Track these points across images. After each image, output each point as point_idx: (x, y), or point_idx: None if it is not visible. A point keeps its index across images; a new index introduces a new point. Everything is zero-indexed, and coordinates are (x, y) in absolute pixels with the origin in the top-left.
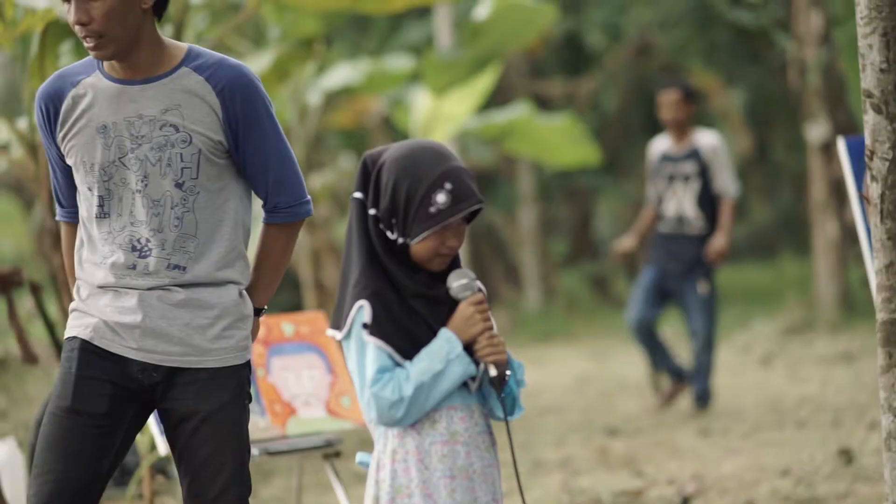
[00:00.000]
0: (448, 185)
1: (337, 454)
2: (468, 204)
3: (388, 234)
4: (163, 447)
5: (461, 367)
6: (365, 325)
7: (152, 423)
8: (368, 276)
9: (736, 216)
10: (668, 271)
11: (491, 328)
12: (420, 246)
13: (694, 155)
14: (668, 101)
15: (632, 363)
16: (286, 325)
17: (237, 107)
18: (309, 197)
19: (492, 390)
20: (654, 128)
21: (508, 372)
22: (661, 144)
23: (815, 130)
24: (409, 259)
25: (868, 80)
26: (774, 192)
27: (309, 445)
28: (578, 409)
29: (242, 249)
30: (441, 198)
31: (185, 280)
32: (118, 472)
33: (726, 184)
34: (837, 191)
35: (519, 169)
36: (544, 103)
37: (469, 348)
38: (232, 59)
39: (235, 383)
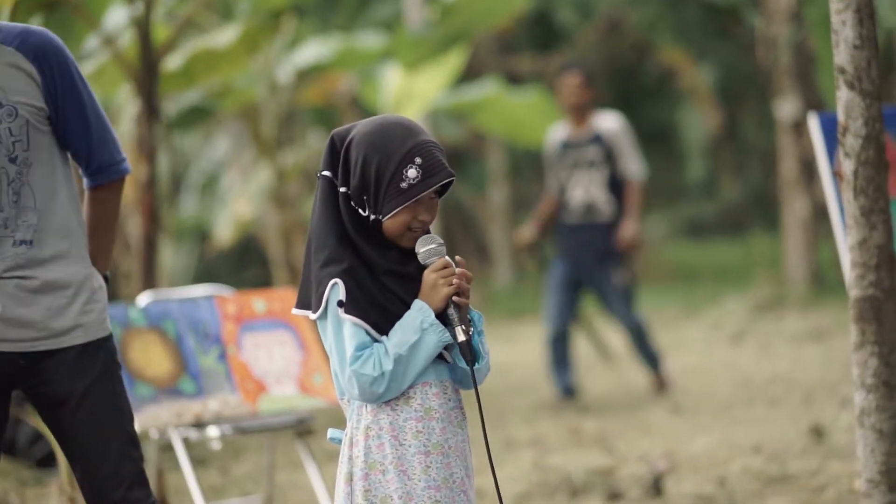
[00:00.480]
0: (418, 160)
1: (309, 432)
2: (439, 178)
3: (360, 211)
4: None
5: (435, 335)
6: (340, 303)
7: None
8: (340, 254)
9: (644, 198)
10: (581, 262)
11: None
12: (392, 222)
13: (596, 140)
14: (568, 85)
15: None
16: (258, 302)
17: (54, 71)
18: (125, 154)
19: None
20: (625, 105)
21: (471, 329)
22: (560, 132)
23: (785, 108)
24: (381, 236)
25: (841, 56)
26: (744, 170)
27: (281, 423)
28: (549, 387)
29: (81, 217)
30: (412, 172)
31: (35, 256)
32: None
33: (632, 166)
34: (807, 168)
35: (489, 147)
36: (514, 80)
37: (442, 318)
38: (35, 27)
39: (104, 356)
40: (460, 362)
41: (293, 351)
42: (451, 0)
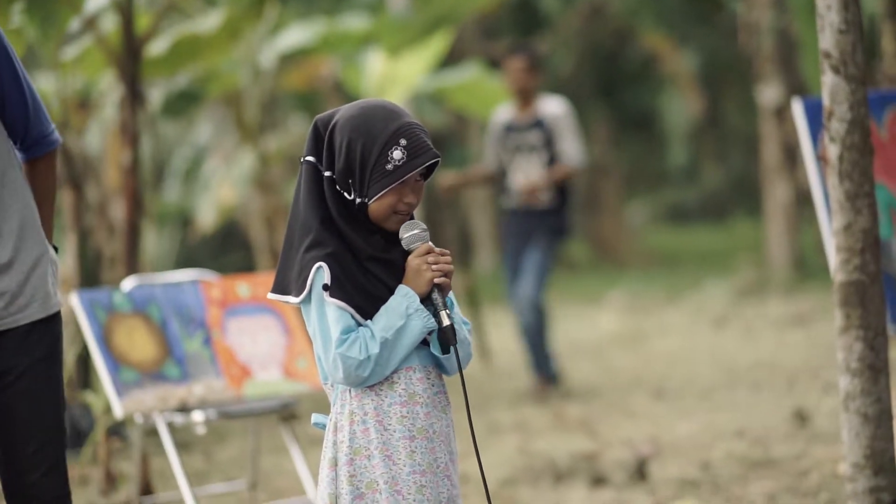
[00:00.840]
0: (403, 141)
1: (293, 416)
2: (425, 158)
3: (345, 195)
4: (119, 410)
5: (420, 321)
6: (325, 287)
7: (108, 384)
8: (325, 239)
9: (567, 180)
10: (520, 247)
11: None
12: (378, 204)
13: (538, 125)
14: (514, 69)
15: (585, 327)
16: (242, 287)
17: None
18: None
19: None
20: (606, 91)
21: (449, 312)
22: (504, 113)
23: (768, 93)
24: (366, 220)
25: (826, 40)
26: (726, 156)
27: (266, 408)
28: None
29: (31, 194)
30: (397, 154)
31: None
32: (73, 434)
33: (569, 151)
34: (790, 153)
35: (471, 131)
36: (496, 65)
37: (426, 302)
38: None
39: (50, 339)
40: (435, 349)
41: (278, 336)
42: None
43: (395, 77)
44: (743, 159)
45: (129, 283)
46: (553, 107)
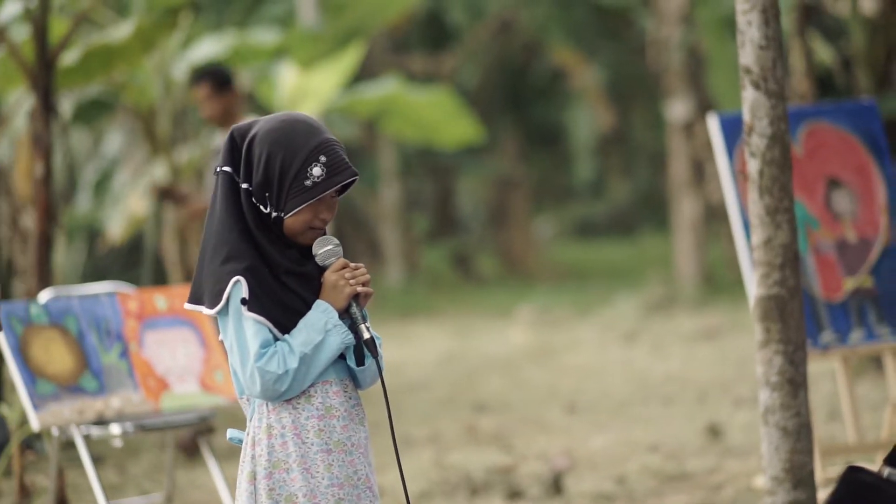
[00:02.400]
0: (323, 158)
1: (210, 430)
2: (343, 176)
3: (261, 207)
4: (35, 422)
5: (339, 336)
6: (243, 301)
7: (25, 396)
8: (242, 251)
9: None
10: None
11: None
12: (294, 219)
13: None
14: (200, 98)
15: (495, 341)
16: (159, 299)
17: None
18: None
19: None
20: (515, 105)
21: (368, 325)
22: (219, 139)
23: (677, 109)
24: (281, 233)
25: (747, 56)
26: (632, 171)
27: (183, 421)
28: (445, 386)
29: None
30: (316, 171)
31: None
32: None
33: None
34: (698, 169)
35: (381, 145)
36: (407, 79)
37: (344, 316)
38: None
39: None
40: (351, 362)
41: (195, 348)
42: None
43: (307, 91)
44: (650, 174)
45: (45, 295)
46: None
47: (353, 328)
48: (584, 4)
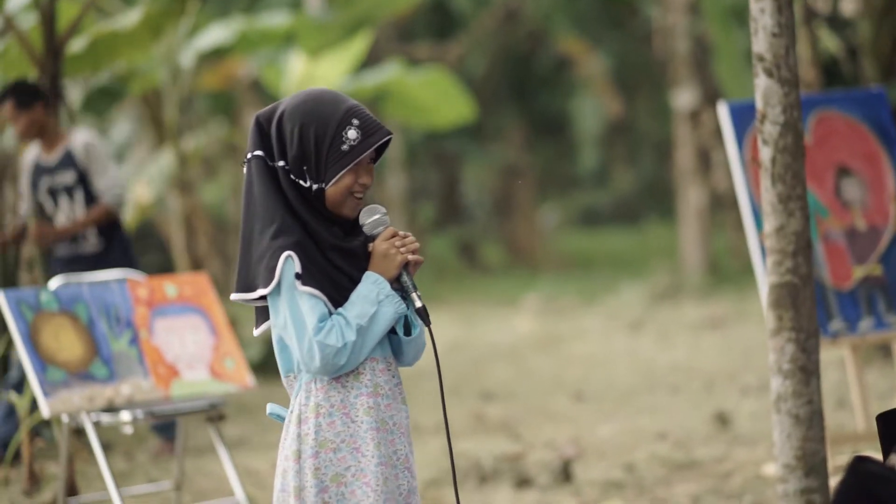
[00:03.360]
0: (356, 121)
1: (221, 417)
2: (380, 135)
3: (301, 183)
4: (46, 409)
5: (392, 307)
6: (297, 275)
7: (35, 384)
8: (290, 227)
9: (102, 221)
10: None
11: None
12: (335, 188)
13: (68, 162)
14: (6, 117)
15: (501, 330)
16: (169, 286)
17: None
18: None
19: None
20: (520, 94)
21: (419, 293)
22: (33, 152)
23: (683, 97)
24: (324, 208)
25: (760, 43)
26: (637, 160)
27: (193, 408)
28: (452, 374)
29: None
30: (352, 133)
31: None
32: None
33: (104, 185)
34: (703, 158)
35: None
36: (411, 66)
37: (394, 286)
38: None
39: None
40: (401, 332)
41: (205, 335)
42: None
43: (314, 78)
44: (655, 163)
45: (55, 282)
46: (81, 138)
47: (404, 297)
48: None
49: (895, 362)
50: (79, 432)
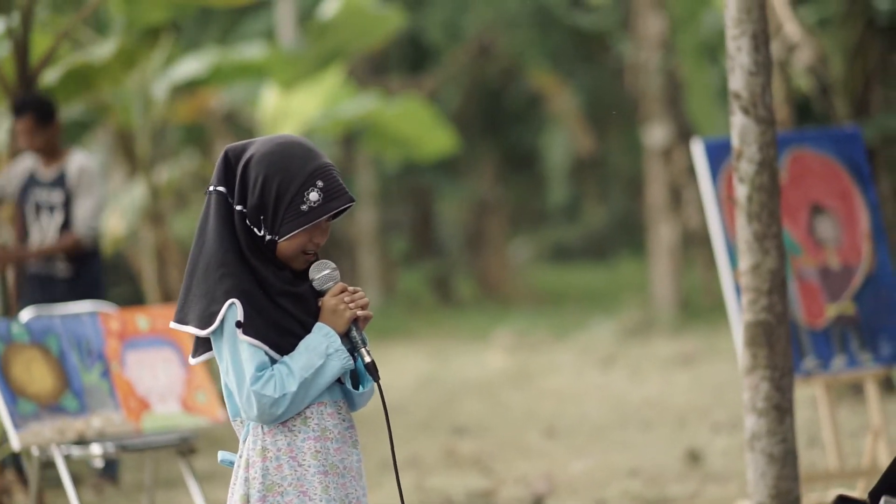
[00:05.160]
0: (320, 183)
1: (192, 451)
2: (340, 202)
3: (255, 230)
4: (16, 442)
5: (339, 361)
6: (238, 324)
7: (5, 416)
8: (236, 273)
9: (70, 251)
10: None
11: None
12: (288, 244)
13: (60, 181)
14: (20, 131)
15: (473, 364)
16: (141, 319)
17: None
18: None
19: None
20: (493, 128)
21: (369, 348)
22: (28, 162)
23: (655, 134)
24: (274, 256)
25: (737, 81)
26: (608, 195)
27: (164, 441)
28: (423, 409)
29: None
30: (313, 195)
31: None
32: None
33: (79, 217)
34: (675, 194)
35: (360, 167)
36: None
37: (344, 339)
38: None
39: None
40: (348, 385)
41: (177, 368)
42: (327, 19)
43: (288, 111)
44: (626, 199)
45: (27, 314)
46: (78, 161)
47: (353, 352)
48: (562, 28)
49: (867, 400)
50: (48, 465)
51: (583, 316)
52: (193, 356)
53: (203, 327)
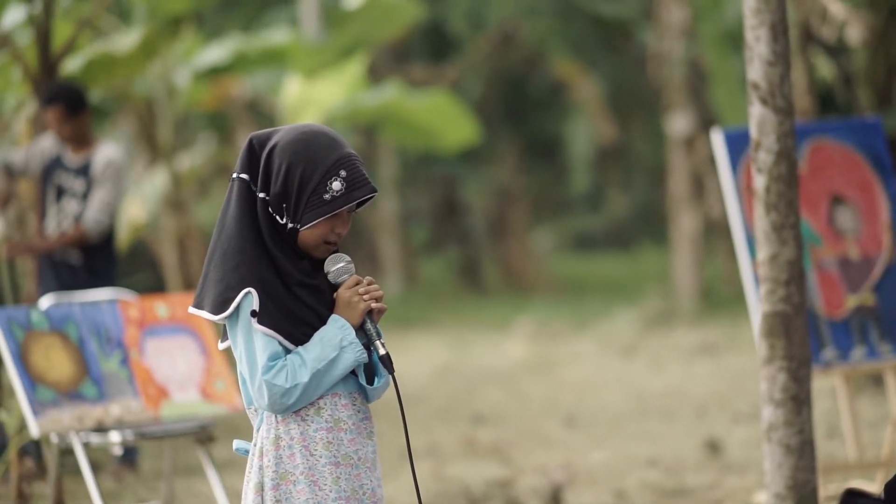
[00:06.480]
0: (343, 173)
1: (210, 438)
2: (363, 192)
3: (277, 218)
4: (35, 429)
5: (353, 354)
6: (253, 313)
7: (24, 403)
8: (254, 261)
9: (76, 244)
10: None
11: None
12: (310, 232)
13: (86, 170)
14: (51, 120)
15: (493, 353)
16: (160, 306)
17: None
18: None
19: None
20: (515, 117)
21: (383, 340)
22: (55, 143)
23: (677, 123)
24: (295, 245)
25: (755, 71)
26: (631, 184)
27: (183, 429)
28: (442, 397)
29: None
30: (336, 185)
31: None
32: None
33: (90, 210)
34: (697, 184)
35: (381, 155)
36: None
37: (359, 332)
38: None
39: None
40: (362, 379)
41: (196, 356)
42: (349, 9)
43: (310, 100)
44: (648, 188)
45: (46, 301)
46: (106, 152)
47: (367, 345)
48: (584, 17)
49: (887, 391)
50: (68, 452)
51: (604, 305)
52: (222, 341)
53: (217, 313)
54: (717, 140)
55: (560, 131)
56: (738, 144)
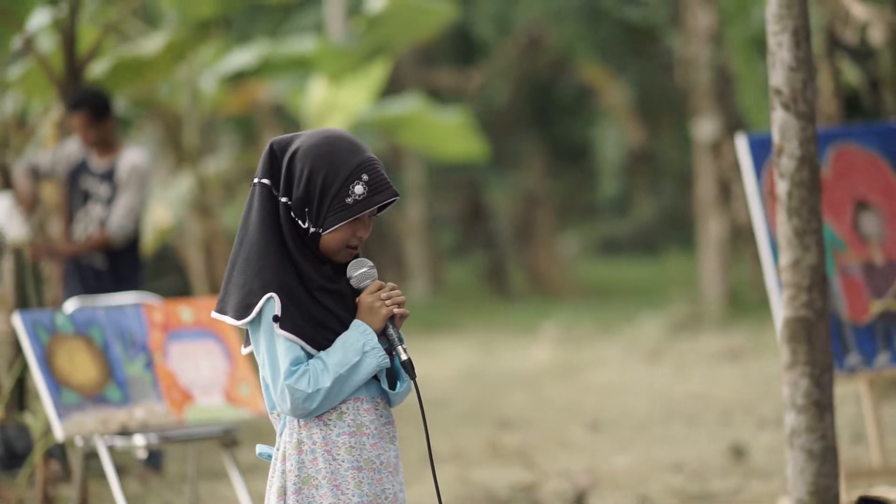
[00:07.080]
0: (365, 177)
1: (234, 443)
2: (385, 196)
3: (299, 222)
4: (59, 432)
5: (376, 359)
6: (275, 318)
7: (49, 406)
8: (277, 266)
9: (100, 249)
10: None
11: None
12: (332, 236)
13: (111, 175)
14: (77, 126)
15: (519, 357)
16: (185, 311)
17: None
18: None
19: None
20: (542, 122)
21: (405, 346)
22: (79, 147)
23: (704, 128)
24: (317, 249)
25: (777, 77)
26: (658, 189)
27: (207, 433)
28: (468, 401)
29: None
30: (358, 188)
31: None
32: (6, 455)
33: (115, 215)
34: (724, 189)
35: (408, 161)
36: (434, 94)
37: (381, 337)
38: None
39: None
40: (384, 385)
41: (220, 360)
42: (375, 13)
43: (335, 105)
44: (675, 193)
45: (71, 305)
46: (131, 157)
47: (389, 350)
48: (611, 21)
49: None
50: (93, 455)
51: (630, 310)
52: (245, 346)
53: (239, 318)
54: (741, 145)
55: (587, 136)
56: (762, 150)
